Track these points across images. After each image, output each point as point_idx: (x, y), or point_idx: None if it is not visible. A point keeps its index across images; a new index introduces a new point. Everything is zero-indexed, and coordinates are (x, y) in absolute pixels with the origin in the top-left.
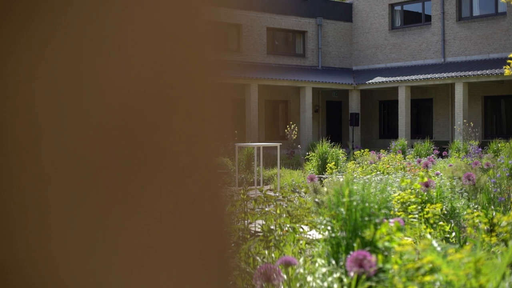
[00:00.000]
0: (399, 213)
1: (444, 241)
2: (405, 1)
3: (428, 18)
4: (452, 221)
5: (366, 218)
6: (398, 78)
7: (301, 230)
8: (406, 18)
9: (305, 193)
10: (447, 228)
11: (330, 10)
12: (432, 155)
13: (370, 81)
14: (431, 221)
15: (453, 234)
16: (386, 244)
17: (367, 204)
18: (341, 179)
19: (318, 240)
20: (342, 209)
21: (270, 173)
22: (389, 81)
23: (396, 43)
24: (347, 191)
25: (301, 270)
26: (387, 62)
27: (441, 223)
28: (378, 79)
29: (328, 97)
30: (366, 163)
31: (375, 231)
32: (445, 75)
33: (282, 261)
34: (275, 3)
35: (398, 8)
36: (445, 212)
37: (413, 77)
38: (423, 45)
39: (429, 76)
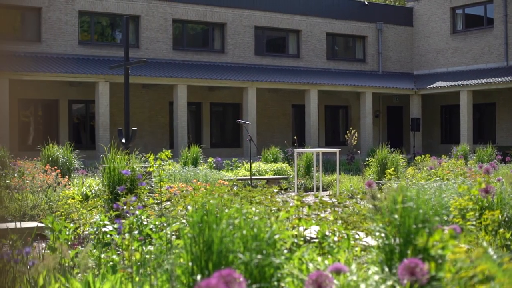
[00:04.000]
0: (456, 220)
1: (504, 248)
2: (466, 4)
3: (491, 21)
4: None
5: (420, 225)
6: (460, 83)
7: (356, 236)
8: (467, 22)
9: (361, 199)
10: (508, 235)
11: (390, 14)
12: (495, 160)
13: (432, 85)
14: (490, 228)
15: None
16: (439, 251)
17: (420, 211)
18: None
19: (372, 247)
20: (396, 216)
21: (330, 178)
22: (451, 85)
23: (458, 47)
24: (400, 198)
25: (354, 278)
26: (448, 66)
27: (501, 230)
28: (439, 83)
29: (389, 102)
30: (425, 168)
31: (428, 238)
32: (508, 79)
33: (332, 269)
34: (335, 8)
35: (459, 11)
36: (506, 219)
37: (475, 81)
38: (485, 49)
39: (491, 80)
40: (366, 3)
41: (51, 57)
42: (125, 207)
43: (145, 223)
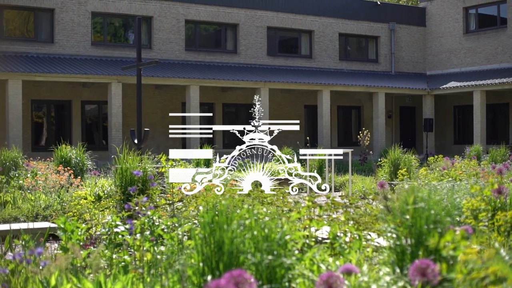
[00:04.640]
0: (468, 221)
1: None
2: (479, 4)
3: (504, 21)
4: None
5: (431, 226)
6: (473, 83)
7: (368, 237)
8: (480, 22)
9: (373, 200)
10: None
11: (403, 14)
12: (508, 161)
13: (444, 86)
14: (502, 229)
15: None
16: (451, 252)
17: (432, 212)
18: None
19: (384, 248)
20: (407, 216)
21: (342, 179)
22: (464, 85)
23: (471, 47)
24: (411, 198)
25: (365, 278)
26: (461, 66)
27: None
28: (452, 83)
29: (402, 103)
30: (438, 169)
31: (439, 239)
32: None
33: (343, 269)
34: (347, 9)
35: (472, 11)
36: None
37: (489, 81)
38: (499, 49)
39: (505, 80)
40: (379, 3)
41: (64, 58)
42: (136, 208)
43: (156, 223)
